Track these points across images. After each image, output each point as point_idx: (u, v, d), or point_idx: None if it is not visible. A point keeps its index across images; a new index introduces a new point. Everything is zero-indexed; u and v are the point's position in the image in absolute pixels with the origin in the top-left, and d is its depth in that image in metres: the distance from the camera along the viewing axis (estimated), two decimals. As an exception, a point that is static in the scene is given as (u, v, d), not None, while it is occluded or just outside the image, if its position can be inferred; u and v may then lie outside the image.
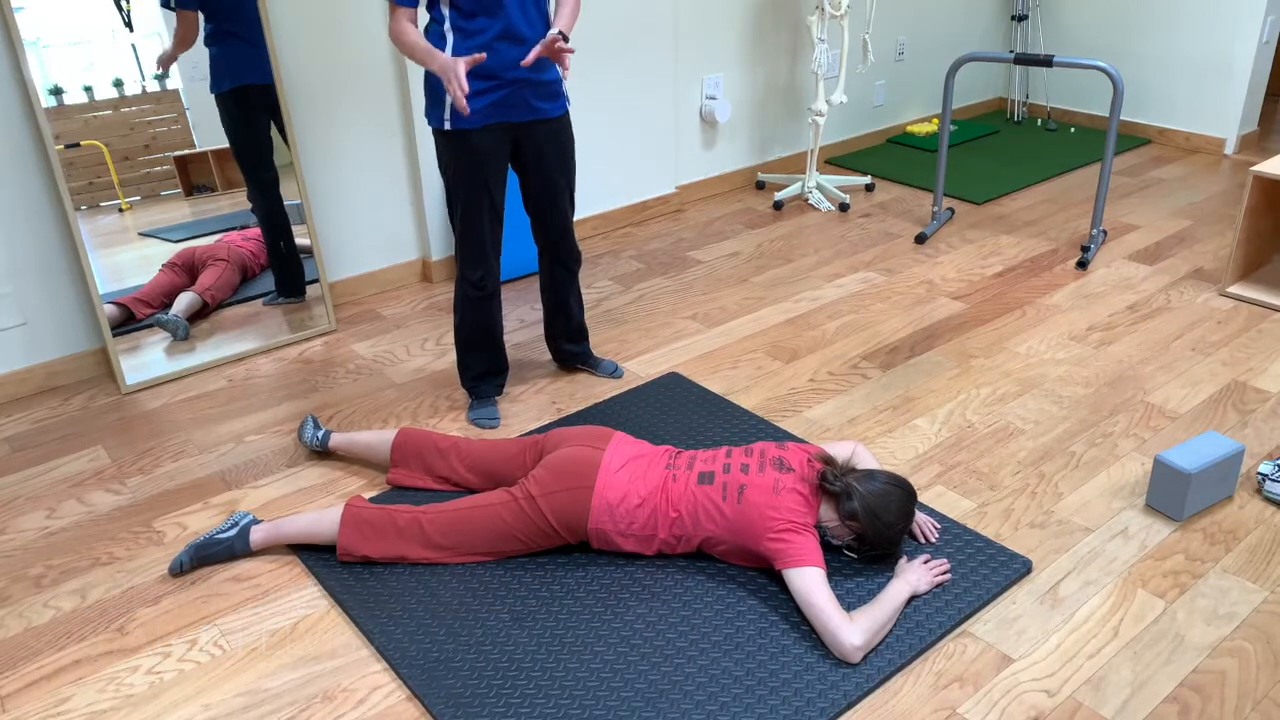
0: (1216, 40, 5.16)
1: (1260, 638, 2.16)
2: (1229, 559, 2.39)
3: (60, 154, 3.04)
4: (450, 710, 2.00)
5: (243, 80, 3.25)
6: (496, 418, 3.00)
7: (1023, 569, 2.35)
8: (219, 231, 3.39)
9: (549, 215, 2.93)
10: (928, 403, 3.07)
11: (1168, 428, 2.92)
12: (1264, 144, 5.44)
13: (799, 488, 2.25)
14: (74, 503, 2.71)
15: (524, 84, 2.68)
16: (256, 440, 2.96)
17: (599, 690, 2.04)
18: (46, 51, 2.96)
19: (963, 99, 6.00)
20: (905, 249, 4.21)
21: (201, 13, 3.11)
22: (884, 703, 2.02)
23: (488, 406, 3.04)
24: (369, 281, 3.89)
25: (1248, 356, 3.28)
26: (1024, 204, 4.70)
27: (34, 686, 2.11)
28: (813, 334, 3.51)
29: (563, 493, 2.32)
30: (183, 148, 3.26)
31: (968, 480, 2.70)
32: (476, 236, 2.81)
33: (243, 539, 2.44)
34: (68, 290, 3.22)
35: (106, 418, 3.10)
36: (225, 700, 2.06)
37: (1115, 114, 3.78)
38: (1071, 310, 3.64)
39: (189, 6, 3.10)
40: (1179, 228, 4.36)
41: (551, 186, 2.88)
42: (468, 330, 2.96)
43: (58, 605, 2.34)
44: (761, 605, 2.25)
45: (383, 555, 2.37)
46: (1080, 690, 2.03)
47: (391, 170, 3.79)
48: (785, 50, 4.91)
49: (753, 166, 5.04)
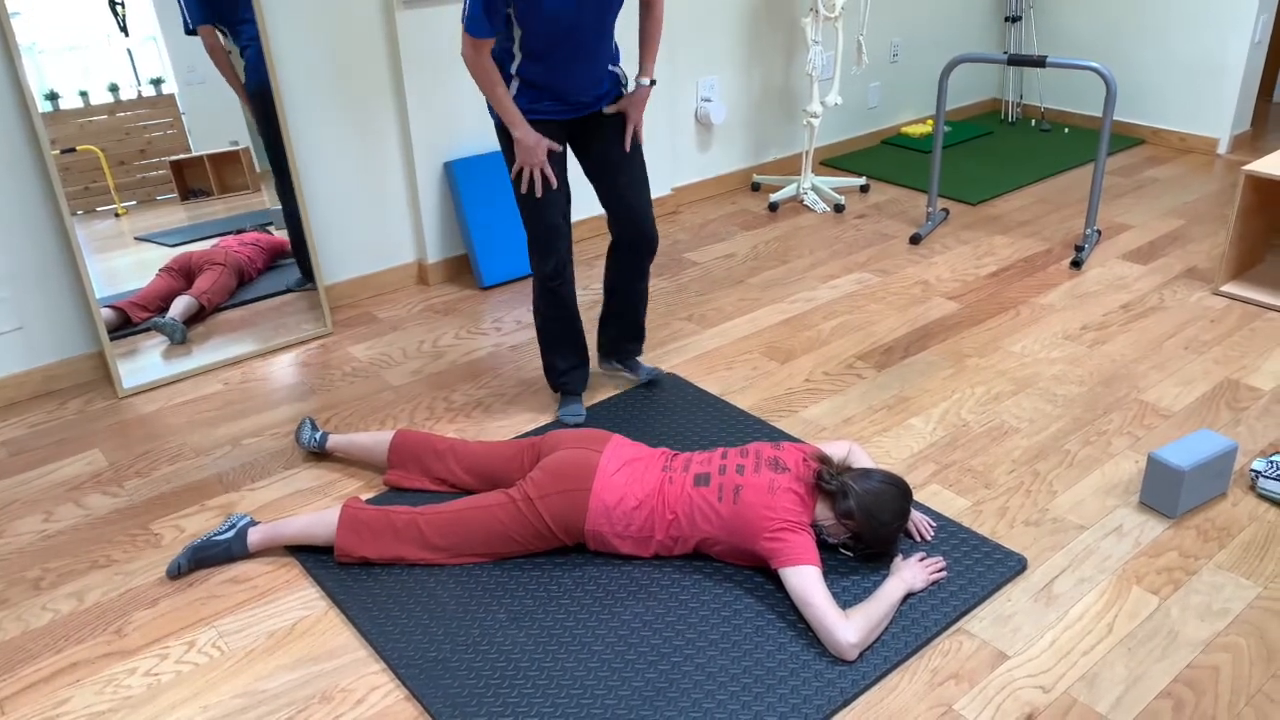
0: (1209, 41, 5.18)
1: (1254, 633, 2.17)
2: (1222, 555, 2.40)
3: (56, 159, 3.04)
4: (448, 710, 2.00)
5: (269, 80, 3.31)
6: (582, 414, 2.98)
7: (1017, 566, 2.36)
8: (215, 236, 3.40)
9: (611, 198, 2.85)
10: (923, 402, 3.08)
11: (1161, 426, 2.93)
12: (1257, 144, 5.46)
13: (794, 487, 2.26)
14: (71, 506, 2.71)
15: (588, 105, 2.71)
16: (253, 443, 2.97)
17: (596, 689, 2.04)
18: (42, 56, 2.97)
19: (957, 100, 6.02)
20: (900, 250, 4.23)
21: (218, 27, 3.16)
22: (880, 700, 2.03)
23: (575, 403, 3.01)
24: (365, 284, 3.90)
25: (1240, 355, 3.30)
26: (1018, 204, 4.72)
27: (32, 689, 2.11)
28: (808, 334, 3.53)
29: (559, 495, 2.33)
30: (178, 152, 3.27)
31: (963, 479, 2.71)
32: (541, 225, 2.75)
33: (240, 541, 2.44)
34: (64, 294, 3.23)
35: (103, 421, 3.11)
36: (223, 701, 2.07)
37: (1108, 114, 3.80)
38: (1065, 310, 3.65)
39: (206, 21, 3.16)
40: (1172, 227, 4.37)
41: (613, 168, 2.80)
42: (551, 326, 2.91)
43: (55, 608, 2.34)
44: (758, 604, 2.25)
45: (380, 556, 2.38)
46: (1075, 686, 2.04)
47: (388, 173, 3.80)
48: (780, 52, 4.92)
49: (748, 168, 5.05)
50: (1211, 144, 5.35)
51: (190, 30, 3.16)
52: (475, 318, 3.72)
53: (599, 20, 2.54)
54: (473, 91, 3.85)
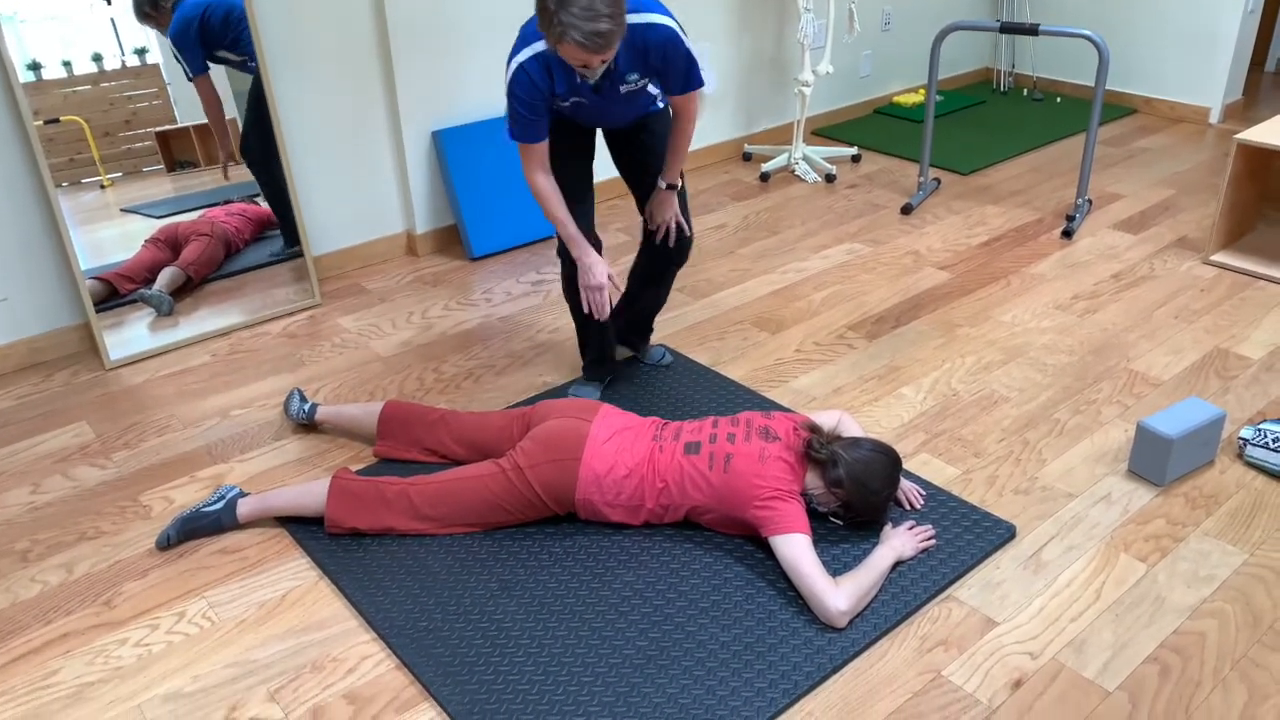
0: (1201, 9, 5.16)
1: (1239, 599, 2.19)
2: (1209, 523, 2.42)
3: (40, 130, 3.01)
4: (439, 679, 2.01)
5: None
6: (596, 395, 2.96)
7: (1006, 534, 2.37)
8: (202, 207, 3.37)
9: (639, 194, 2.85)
10: (913, 372, 3.08)
11: (1150, 394, 2.94)
12: (1248, 113, 5.44)
13: (785, 456, 2.26)
14: (59, 478, 2.70)
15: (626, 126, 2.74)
16: (242, 414, 2.96)
17: (587, 657, 2.05)
18: (24, 26, 2.93)
19: (949, 70, 5.99)
20: (891, 220, 4.22)
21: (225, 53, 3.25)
22: (869, 666, 2.04)
23: (590, 387, 2.97)
24: (353, 255, 3.87)
25: (1230, 324, 3.30)
26: (1010, 174, 4.71)
27: (22, 660, 2.11)
28: (799, 305, 3.52)
29: (550, 464, 2.33)
30: (164, 123, 3.23)
31: (953, 448, 2.72)
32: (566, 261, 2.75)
33: (230, 512, 2.44)
34: (49, 266, 3.20)
35: (90, 393, 3.09)
36: (214, 671, 2.07)
37: (1100, 83, 3.78)
38: (1056, 279, 3.65)
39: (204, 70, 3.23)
40: (1163, 197, 4.37)
41: (639, 167, 2.78)
42: (578, 315, 2.88)
43: (45, 579, 2.34)
44: (748, 572, 2.26)
45: (370, 527, 2.38)
46: (1063, 652, 2.06)
47: (375, 142, 3.76)
48: (771, 20, 4.88)
49: (739, 138, 5.02)
50: (1203, 113, 5.34)
51: (191, 79, 3.22)
52: (465, 289, 3.71)
53: (629, 101, 2.56)
54: (462, 60, 3.82)
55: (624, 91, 2.49)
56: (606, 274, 2.61)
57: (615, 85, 2.46)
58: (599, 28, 2.13)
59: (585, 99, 2.49)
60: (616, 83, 2.46)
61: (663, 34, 2.39)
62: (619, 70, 2.42)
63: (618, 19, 2.17)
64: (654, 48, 2.40)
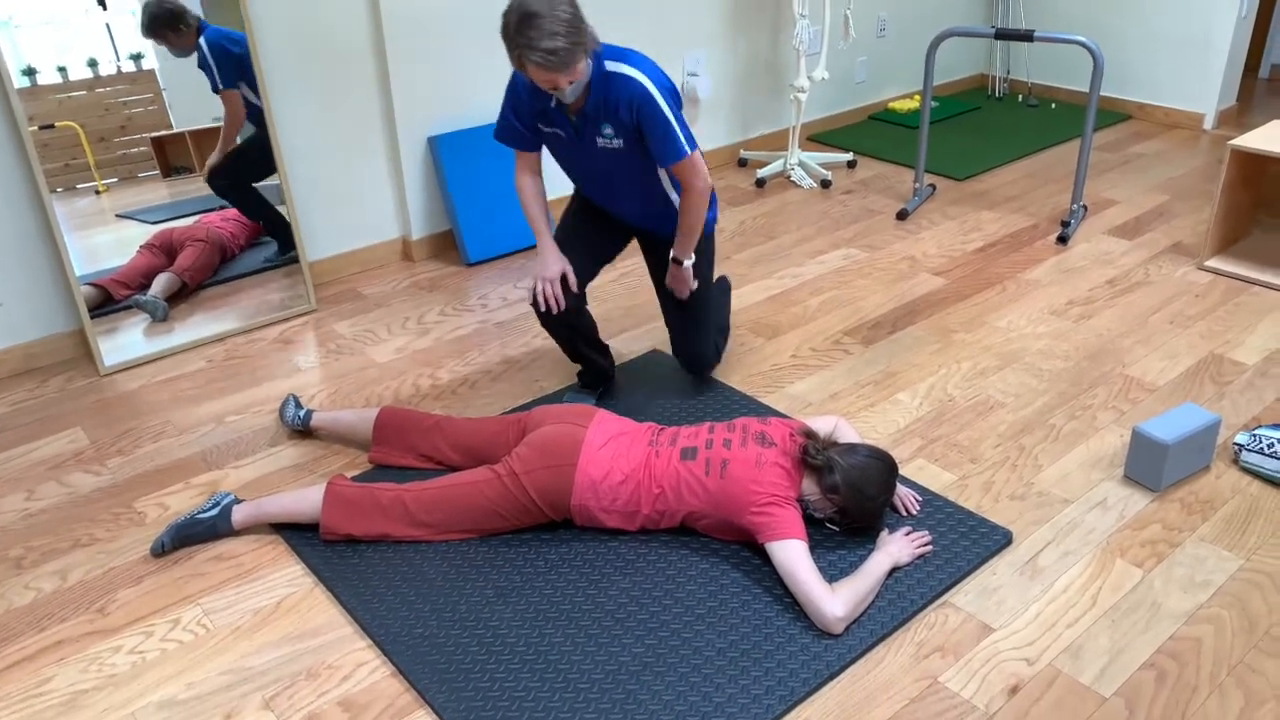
0: (1195, 15, 5.17)
1: (1235, 605, 2.19)
2: (1205, 528, 2.42)
3: (34, 135, 3.00)
4: (435, 685, 2.00)
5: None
6: (592, 400, 2.94)
7: (1003, 540, 2.37)
8: (197, 213, 3.37)
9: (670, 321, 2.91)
10: (909, 377, 3.08)
11: (1146, 400, 2.94)
12: (1242, 119, 5.46)
13: (781, 462, 2.26)
14: (53, 484, 2.69)
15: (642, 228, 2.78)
16: (237, 420, 2.95)
17: (583, 664, 2.05)
18: (18, 31, 2.92)
19: (944, 76, 6.00)
20: (887, 225, 4.22)
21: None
22: (866, 673, 2.04)
23: (587, 391, 2.97)
24: (349, 261, 3.87)
25: (1225, 329, 3.31)
26: (1005, 180, 4.72)
27: (15, 668, 2.10)
28: (795, 310, 3.52)
29: (545, 470, 2.32)
30: (159, 129, 3.23)
31: (949, 453, 2.72)
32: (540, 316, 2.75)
33: (225, 518, 2.43)
34: (44, 272, 3.20)
35: (85, 399, 3.08)
36: (209, 678, 2.06)
37: (1095, 89, 3.79)
38: (1051, 285, 3.65)
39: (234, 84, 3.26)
40: (1158, 202, 4.38)
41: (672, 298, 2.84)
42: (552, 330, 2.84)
43: (38, 586, 2.33)
44: (744, 578, 2.26)
45: (366, 533, 2.37)
46: (1059, 658, 2.06)
47: (371, 147, 3.76)
48: (767, 26, 4.89)
49: (735, 144, 5.03)
50: (1197, 119, 5.35)
51: (217, 90, 3.26)
52: (461, 294, 3.71)
53: (615, 168, 2.58)
54: (456, 65, 3.82)
55: (600, 146, 2.53)
56: (561, 271, 2.63)
57: (592, 133, 2.50)
58: (555, 45, 2.23)
59: (564, 133, 2.54)
60: (593, 131, 2.50)
61: (633, 89, 2.41)
62: (588, 113, 2.46)
63: (573, 37, 2.26)
64: (623, 102, 2.42)
